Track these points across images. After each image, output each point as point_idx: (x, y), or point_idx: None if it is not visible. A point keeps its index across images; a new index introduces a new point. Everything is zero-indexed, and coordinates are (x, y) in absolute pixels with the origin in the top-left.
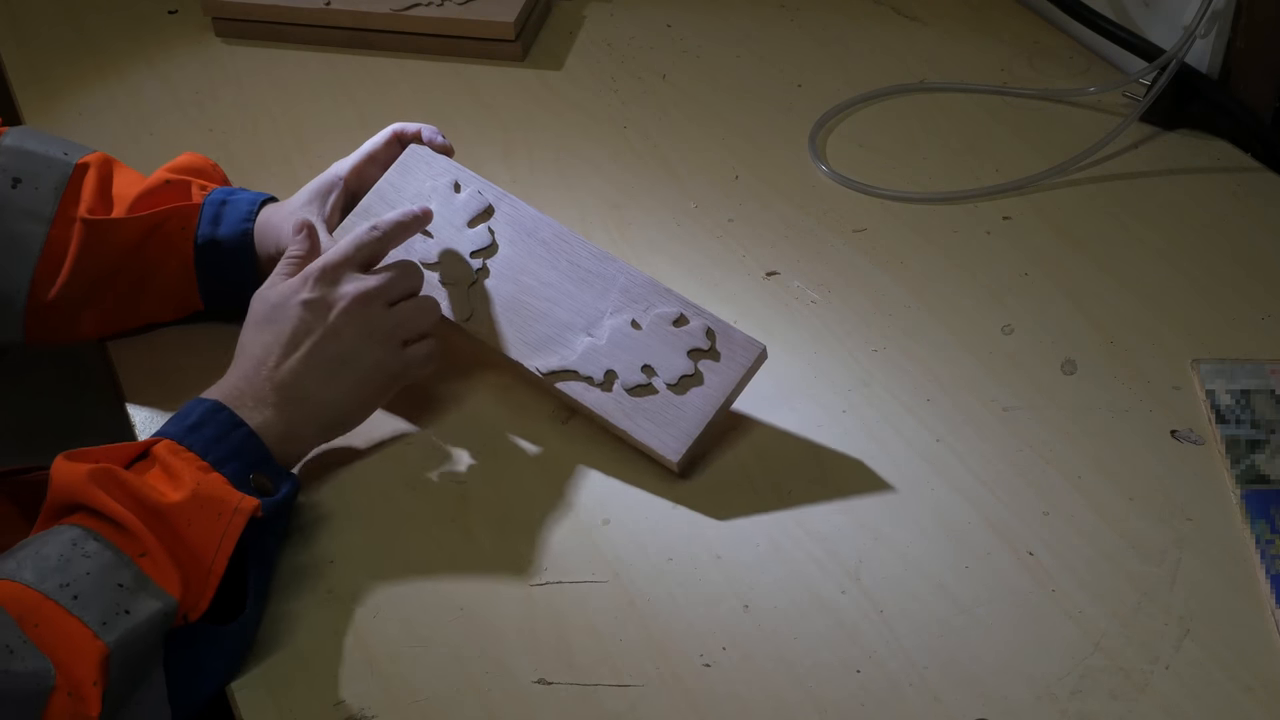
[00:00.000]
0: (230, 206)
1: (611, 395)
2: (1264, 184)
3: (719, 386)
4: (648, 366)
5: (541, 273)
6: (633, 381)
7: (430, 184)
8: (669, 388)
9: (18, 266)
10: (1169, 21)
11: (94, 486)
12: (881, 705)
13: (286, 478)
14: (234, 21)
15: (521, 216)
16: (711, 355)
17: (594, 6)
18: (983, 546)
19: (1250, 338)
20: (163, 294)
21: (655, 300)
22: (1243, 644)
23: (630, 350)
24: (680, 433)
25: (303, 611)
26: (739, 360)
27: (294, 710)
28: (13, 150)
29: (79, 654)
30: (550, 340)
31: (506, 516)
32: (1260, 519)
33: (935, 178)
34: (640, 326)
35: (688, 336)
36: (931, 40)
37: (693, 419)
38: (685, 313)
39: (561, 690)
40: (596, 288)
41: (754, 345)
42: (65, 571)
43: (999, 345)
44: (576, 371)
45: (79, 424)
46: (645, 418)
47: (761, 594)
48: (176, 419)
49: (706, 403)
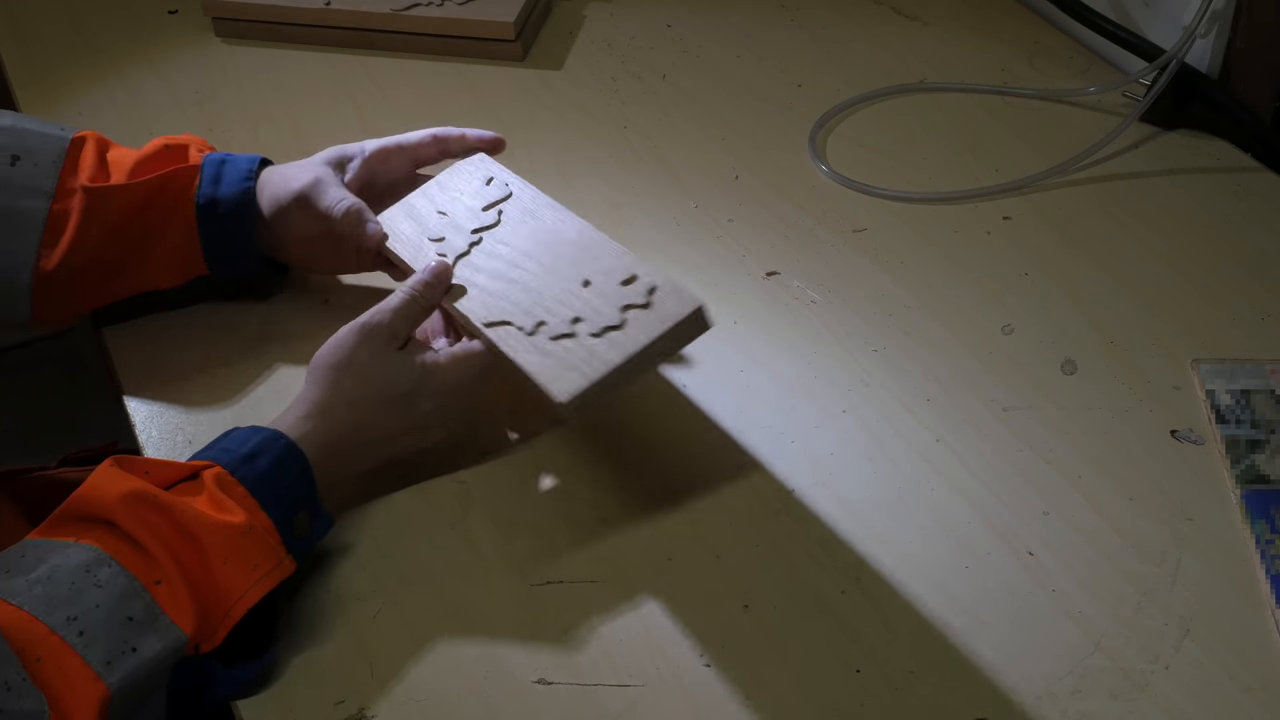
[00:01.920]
0: (230, 166)
1: (532, 339)
2: (1264, 184)
3: (637, 336)
4: (578, 318)
5: (526, 246)
6: (558, 330)
7: (472, 186)
8: (591, 336)
9: (21, 242)
10: (1169, 21)
11: (126, 507)
12: (881, 705)
13: (324, 518)
14: (234, 21)
15: (530, 200)
16: (644, 308)
17: (594, 6)
18: (983, 546)
19: (1250, 338)
20: (168, 258)
21: (611, 261)
22: (1243, 644)
23: (569, 305)
24: (579, 375)
25: (303, 611)
26: (668, 312)
27: (294, 710)
28: (9, 129)
29: (78, 696)
30: (508, 304)
31: (506, 516)
32: (1260, 519)
33: (935, 178)
34: (589, 284)
35: (629, 293)
36: (931, 40)
37: (597, 364)
38: (638, 272)
39: (561, 690)
40: (573, 259)
41: (688, 300)
42: (74, 603)
43: (999, 345)
44: (510, 322)
45: (79, 424)
46: (551, 358)
47: (761, 594)
48: (232, 444)
49: (616, 350)
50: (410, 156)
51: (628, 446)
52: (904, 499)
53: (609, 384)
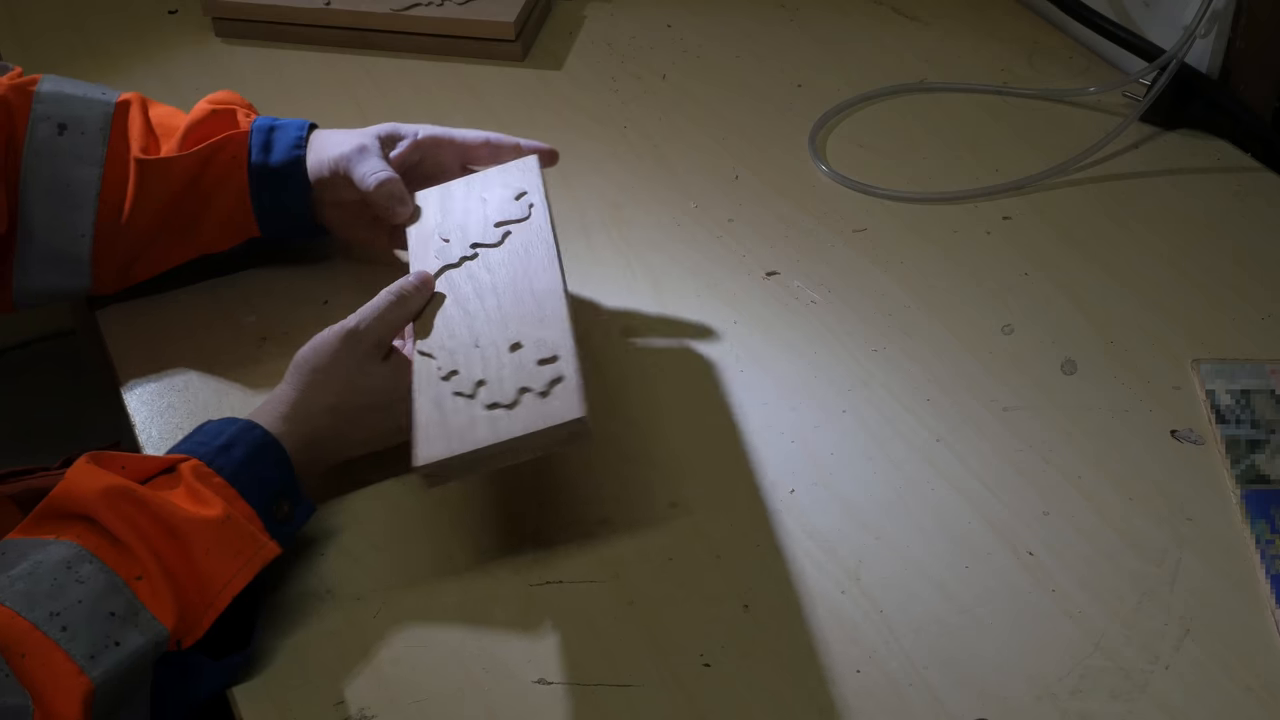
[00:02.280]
0: (280, 132)
1: (441, 384)
2: (1264, 184)
3: (514, 425)
4: (483, 381)
5: (501, 282)
6: (462, 388)
7: (503, 195)
8: (484, 406)
9: (78, 214)
10: (1169, 21)
11: (105, 503)
12: (881, 705)
13: (305, 504)
14: (234, 21)
15: (535, 233)
16: (539, 396)
17: (594, 6)
18: (983, 546)
19: (1250, 338)
20: (221, 224)
21: (548, 332)
22: (1243, 644)
23: (486, 363)
24: (446, 445)
25: (303, 611)
26: (551, 412)
27: (294, 710)
28: (52, 96)
29: (62, 691)
30: (447, 337)
31: (506, 516)
32: (1260, 519)
33: (935, 178)
34: (517, 348)
35: (537, 375)
36: (931, 40)
37: (467, 439)
38: (560, 355)
39: (561, 690)
40: (522, 315)
41: (574, 407)
42: (56, 598)
43: (999, 345)
44: (434, 357)
45: (79, 424)
46: (440, 413)
47: (761, 594)
48: (206, 438)
49: (489, 432)
50: (462, 152)
51: (627, 446)
52: (904, 499)
53: (470, 462)
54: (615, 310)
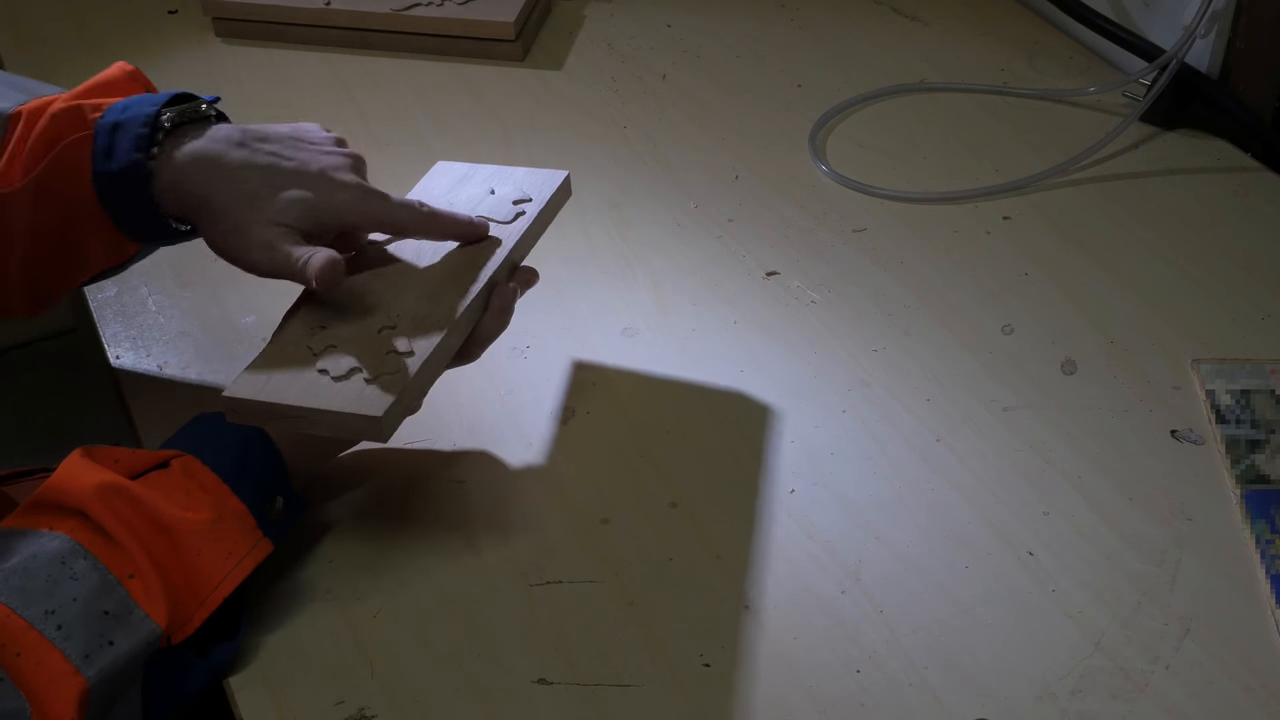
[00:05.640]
0: (122, 133)
1: (310, 334)
2: (1264, 184)
3: (319, 397)
4: (334, 346)
5: (437, 271)
6: (315, 345)
7: (511, 193)
8: (317, 368)
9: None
10: (1169, 21)
11: (99, 499)
12: (881, 705)
13: (298, 501)
14: (234, 21)
15: (501, 234)
16: (365, 381)
17: (594, 6)
18: (982, 546)
19: (1250, 338)
20: (96, 242)
21: (421, 337)
22: (1243, 644)
23: (350, 332)
24: (253, 388)
25: (303, 611)
26: (355, 400)
27: (294, 710)
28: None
29: (59, 691)
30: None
31: (506, 516)
32: (1260, 519)
33: (935, 178)
34: (388, 330)
35: (381, 362)
36: (931, 40)
37: (274, 390)
38: (413, 355)
39: (561, 690)
40: (431, 307)
41: (375, 407)
42: (52, 596)
43: (999, 345)
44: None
45: (79, 424)
46: (281, 356)
47: (761, 594)
48: (199, 433)
49: (297, 394)
50: None
51: (627, 446)
52: (904, 499)
53: (270, 411)
54: (615, 310)
